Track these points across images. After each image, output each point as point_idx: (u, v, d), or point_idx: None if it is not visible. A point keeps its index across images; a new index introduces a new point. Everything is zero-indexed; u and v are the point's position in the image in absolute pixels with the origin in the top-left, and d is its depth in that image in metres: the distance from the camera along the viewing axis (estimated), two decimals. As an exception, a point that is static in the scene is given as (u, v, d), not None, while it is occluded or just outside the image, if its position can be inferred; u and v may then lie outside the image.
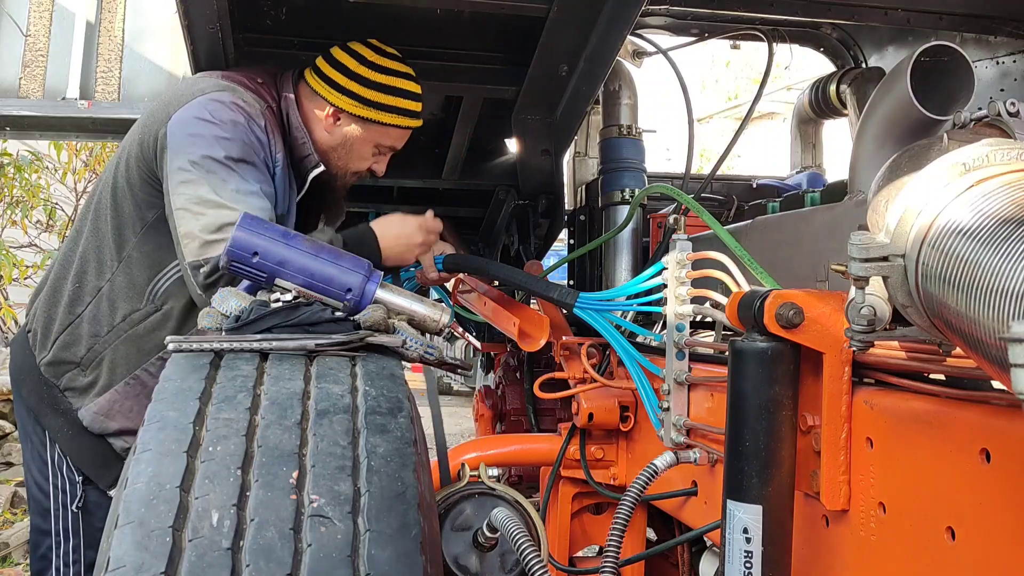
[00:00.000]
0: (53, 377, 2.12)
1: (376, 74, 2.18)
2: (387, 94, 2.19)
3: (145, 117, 2.13)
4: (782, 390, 1.18)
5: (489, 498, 1.83)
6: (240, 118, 2.01)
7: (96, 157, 5.99)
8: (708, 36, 3.18)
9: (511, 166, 2.82)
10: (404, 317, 1.70)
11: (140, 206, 2.07)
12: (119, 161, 2.14)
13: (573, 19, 2.20)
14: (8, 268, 5.31)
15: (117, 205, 2.10)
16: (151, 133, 2.04)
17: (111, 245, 2.10)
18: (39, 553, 2.17)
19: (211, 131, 1.96)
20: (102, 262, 2.10)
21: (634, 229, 2.53)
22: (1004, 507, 0.96)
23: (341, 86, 2.17)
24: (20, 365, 2.21)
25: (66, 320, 2.11)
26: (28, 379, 2.17)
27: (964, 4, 2.64)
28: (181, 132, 1.97)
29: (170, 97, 2.12)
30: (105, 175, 2.20)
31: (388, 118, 2.21)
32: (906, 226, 1.00)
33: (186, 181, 1.92)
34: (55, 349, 2.12)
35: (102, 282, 2.10)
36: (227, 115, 1.99)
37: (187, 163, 1.93)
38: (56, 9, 3.37)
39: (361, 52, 2.19)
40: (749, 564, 1.15)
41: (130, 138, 2.14)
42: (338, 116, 2.20)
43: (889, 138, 1.62)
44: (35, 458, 2.18)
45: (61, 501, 2.14)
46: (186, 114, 1.99)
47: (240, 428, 1.23)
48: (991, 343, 0.83)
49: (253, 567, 1.04)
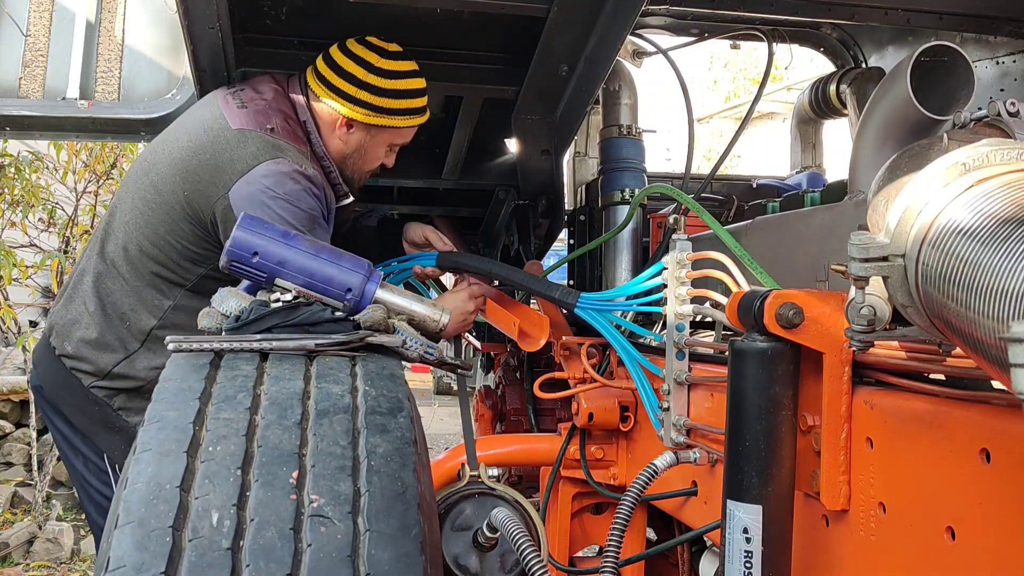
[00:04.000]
0: (105, 397, 2.17)
1: (384, 80, 2.20)
2: (397, 98, 2.22)
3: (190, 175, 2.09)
4: (782, 390, 1.18)
5: (489, 498, 1.83)
6: (300, 186, 2.05)
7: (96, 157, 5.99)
8: (708, 36, 3.18)
9: (511, 166, 2.82)
10: (404, 317, 1.70)
11: (194, 258, 2.12)
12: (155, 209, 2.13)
13: (573, 19, 2.20)
14: (8, 268, 5.31)
15: (163, 253, 2.13)
16: (204, 199, 2.06)
17: (159, 285, 2.15)
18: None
19: (281, 207, 2.00)
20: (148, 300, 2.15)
21: (634, 229, 2.53)
22: (1004, 507, 0.96)
23: (352, 96, 2.19)
24: (58, 384, 2.21)
25: (119, 353, 2.16)
26: (72, 399, 2.19)
27: (964, 4, 2.64)
28: (248, 208, 1.96)
29: (219, 158, 2.08)
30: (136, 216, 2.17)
31: (400, 121, 2.25)
32: (906, 226, 1.00)
33: None
34: (109, 377, 2.16)
35: (156, 319, 2.14)
36: (291, 187, 2.04)
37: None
38: (56, 9, 3.36)
39: (366, 57, 2.20)
40: (749, 564, 1.15)
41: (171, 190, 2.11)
42: (351, 124, 2.22)
43: (889, 138, 1.62)
44: (91, 469, 2.21)
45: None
46: (249, 190, 2.02)
47: (240, 428, 1.23)
48: (991, 343, 0.83)
49: (253, 567, 1.04)
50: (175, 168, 2.13)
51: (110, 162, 6.09)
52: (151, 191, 2.16)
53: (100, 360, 2.15)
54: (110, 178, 6.15)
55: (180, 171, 2.12)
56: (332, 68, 2.20)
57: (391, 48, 2.23)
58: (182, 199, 2.10)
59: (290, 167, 2.06)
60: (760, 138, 12.67)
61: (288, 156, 2.08)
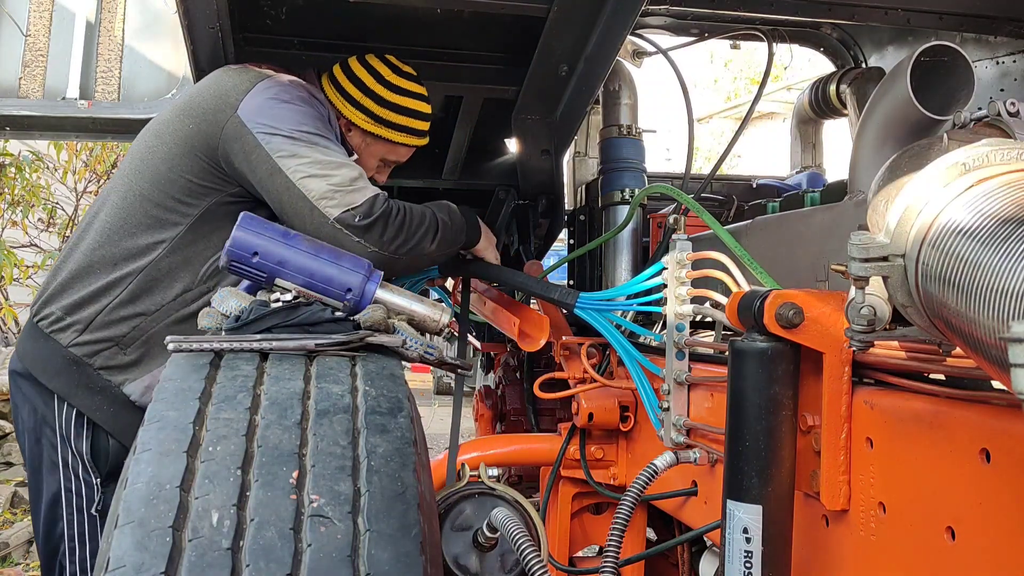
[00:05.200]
0: (86, 356, 2.09)
1: (390, 93, 2.24)
2: (398, 113, 2.26)
3: (194, 109, 2.10)
4: (782, 390, 1.18)
5: (489, 498, 1.83)
6: (305, 94, 2.08)
7: (96, 157, 6.00)
8: (708, 36, 3.18)
9: (511, 166, 2.82)
10: (404, 317, 1.70)
11: (197, 192, 2.08)
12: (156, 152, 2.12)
13: (573, 19, 2.20)
14: (8, 268, 5.31)
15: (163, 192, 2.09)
16: (212, 125, 2.04)
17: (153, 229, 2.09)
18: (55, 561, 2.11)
19: (295, 109, 2.02)
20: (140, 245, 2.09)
21: (634, 229, 2.53)
22: (1004, 507, 0.96)
23: (356, 100, 2.23)
24: (36, 355, 2.14)
25: (103, 300, 2.09)
26: (50, 364, 2.11)
27: (964, 4, 2.64)
28: (262, 116, 2.00)
29: (218, 89, 2.09)
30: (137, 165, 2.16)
31: (397, 136, 2.28)
32: (906, 226, 1.00)
33: (293, 154, 1.97)
34: (91, 329, 2.09)
35: (145, 263, 2.08)
36: (296, 92, 2.06)
37: (284, 140, 1.97)
38: (56, 9, 3.37)
39: (379, 69, 2.24)
40: (749, 564, 1.15)
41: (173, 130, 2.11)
42: (350, 128, 2.26)
43: (889, 138, 1.62)
44: (47, 463, 2.12)
45: (76, 505, 2.10)
46: (257, 100, 2.02)
47: (240, 428, 1.23)
48: (991, 343, 0.83)
49: (253, 567, 1.04)
50: (177, 112, 2.14)
51: (110, 162, 6.10)
52: (152, 139, 2.16)
53: (83, 312, 2.09)
54: (110, 178, 6.16)
55: (183, 111, 2.12)
56: (345, 73, 2.26)
57: (405, 69, 2.28)
58: (187, 133, 2.08)
59: (287, 78, 2.08)
60: (760, 138, 12.68)
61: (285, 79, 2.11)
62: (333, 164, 1.97)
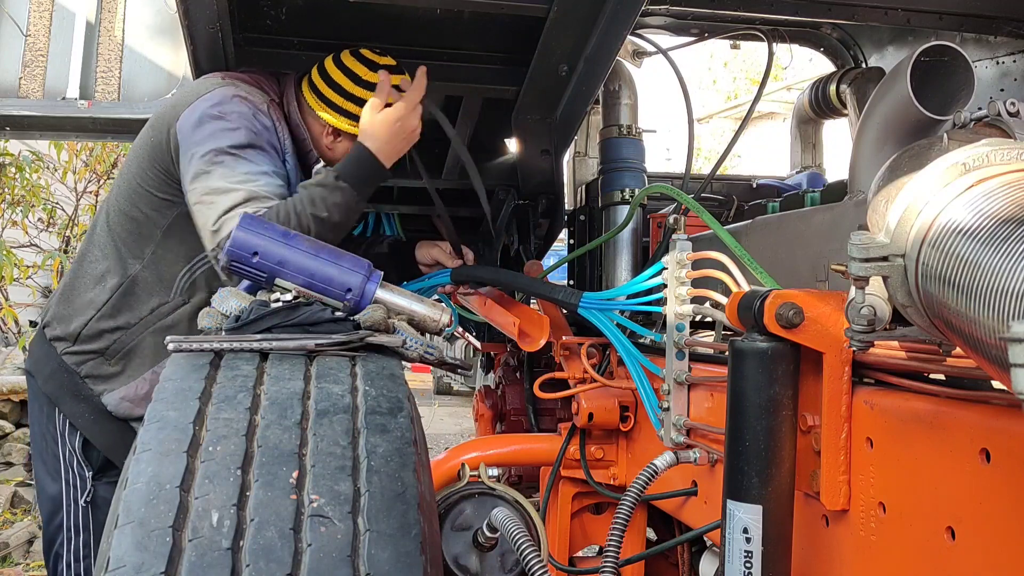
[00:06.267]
0: (75, 364, 2.20)
1: (371, 94, 2.18)
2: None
3: (155, 119, 2.19)
4: (782, 390, 1.18)
5: (489, 498, 1.83)
6: (245, 108, 2.07)
7: (96, 157, 6.00)
8: (708, 36, 3.18)
9: (511, 166, 2.82)
10: (404, 317, 1.70)
11: (160, 207, 2.15)
12: (131, 164, 2.22)
13: (573, 19, 2.20)
14: (8, 268, 5.31)
15: (134, 206, 2.17)
16: (162, 134, 2.11)
17: (130, 244, 2.18)
18: (53, 551, 2.24)
19: (217, 125, 2.02)
20: (122, 260, 2.18)
21: (634, 229, 2.53)
22: (1004, 507, 0.96)
23: (339, 107, 2.21)
24: (38, 357, 2.27)
25: (87, 314, 2.19)
26: (46, 367, 2.24)
27: (964, 4, 2.64)
28: (189, 131, 2.03)
29: (176, 99, 2.18)
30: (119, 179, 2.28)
31: None
32: (906, 226, 1.00)
33: (198, 175, 1.98)
34: (79, 341, 2.19)
35: (123, 279, 2.18)
36: (232, 107, 2.05)
37: (198, 159, 1.99)
38: (56, 9, 3.37)
39: (355, 70, 2.20)
40: (749, 564, 1.15)
41: (141, 141, 2.20)
42: (337, 134, 2.25)
43: (889, 138, 1.62)
44: (48, 456, 2.25)
45: (72, 496, 2.22)
46: (193, 113, 2.05)
47: (240, 428, 1.23)
48: (991, 343, 0.83)
49: (253, 567, 1.04)
50: (148, 123, 2.21)
51: (110, 162, 6.10)
52: (130, 152, 2.26)
53: (72, 325, 2.20)
54: (110, 178, 6.17)
55: (152, 122, 2.19)
56: (323, 77, 2.23)
57: (383, 60, 2.23)
58: (148, 143, 2.15)
59: (233, 92, 2.08)
60: (760, 138, 12.68)
61: (239, 90, 2.10)
62: (221, 191, 1.94)
